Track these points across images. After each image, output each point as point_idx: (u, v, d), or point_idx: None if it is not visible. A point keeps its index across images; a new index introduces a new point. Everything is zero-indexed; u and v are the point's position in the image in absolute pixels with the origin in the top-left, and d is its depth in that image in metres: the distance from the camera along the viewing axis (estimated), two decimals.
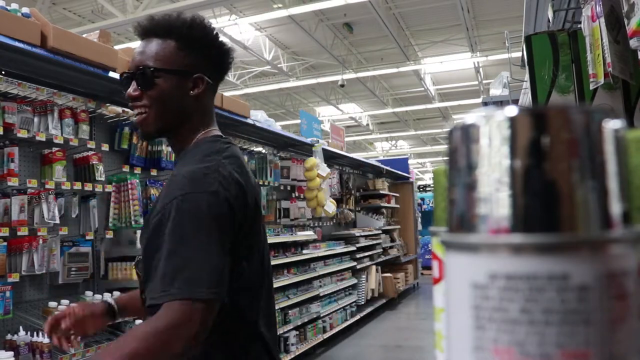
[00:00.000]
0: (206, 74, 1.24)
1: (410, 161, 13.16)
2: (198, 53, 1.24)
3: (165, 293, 1.00)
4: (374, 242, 8.42)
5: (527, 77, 2.56)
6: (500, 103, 5.11)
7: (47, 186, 3.08)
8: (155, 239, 1.07)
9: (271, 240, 5.19)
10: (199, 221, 1.05)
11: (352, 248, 7.35)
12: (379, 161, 9.88)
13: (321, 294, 6.18)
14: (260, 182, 5.52)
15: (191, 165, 1.14)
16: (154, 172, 4.00)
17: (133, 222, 3.62)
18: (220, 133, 1.29)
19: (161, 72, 1.19)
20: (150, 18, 1.25)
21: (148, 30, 1.24)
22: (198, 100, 1.24)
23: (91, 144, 3.39)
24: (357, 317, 7.27)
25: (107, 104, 3.60)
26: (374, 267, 8.22)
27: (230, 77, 12.25)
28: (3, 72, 2.94)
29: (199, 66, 1.23)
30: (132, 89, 1.19)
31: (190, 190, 1.07)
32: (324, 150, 6.28)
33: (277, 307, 5.09)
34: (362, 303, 7.65)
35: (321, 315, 6.12)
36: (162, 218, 1.06)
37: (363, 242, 7.77)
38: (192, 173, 1.11)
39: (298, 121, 8.85)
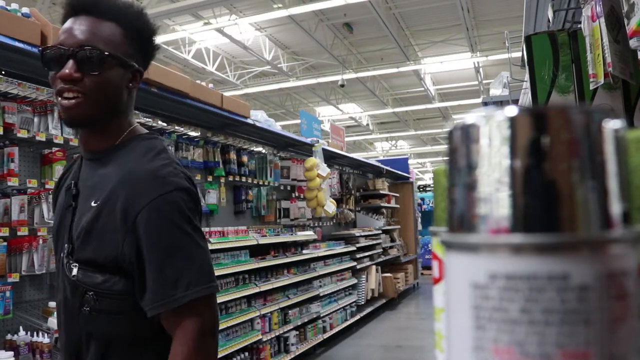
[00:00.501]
0: (142, 65, 1.19)
1: (410, 161, 13.17)
2: (139, 46, 1.16)
3: (174, 297, 0.99)
4: (374, 242, 8.42)
5: (527, 77, 2.56)
6: (500, 103, 5.11)
7: (47, 186, 3.08)
8: (121, 238, 1.03)
9: (271, 240, 5.18)
10: (184, 219, 1.04)
11: (352, 248, 7.36)
12: (379, 161, 9.88)
13: (321, 294, 6.18)
14: (260, 182, 5.52)
15: (147, 163, 1.09)
16: None
17: None
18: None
19: (110, 58, 1.08)
20: None
21: (95, 7, 1.09)
22: (130, 94, 1.19)
23: None
24: (357, 317, 7.27)
25: None
26: (374, 267, 8.22)
27: (230, 77, 12.26)
28: (3, 72, 2.94)
29: (137, 59, 1.16)
30: (73, 70, 1.04)
31: (167, 189, 1.04)
32: (324, 150, 6.28)
33: (277, 306, 5.10)
34: (362, 303, 7.65)
35: (321, 315, 6.12)
36: (139, 221, 1.02)
37: (363, 242, 7.77)
38: (153, 171, 1.07)
39: (298, 121, 8.86)
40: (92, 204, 1.07)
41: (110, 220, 1.04)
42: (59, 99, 1.07)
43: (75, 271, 1.05)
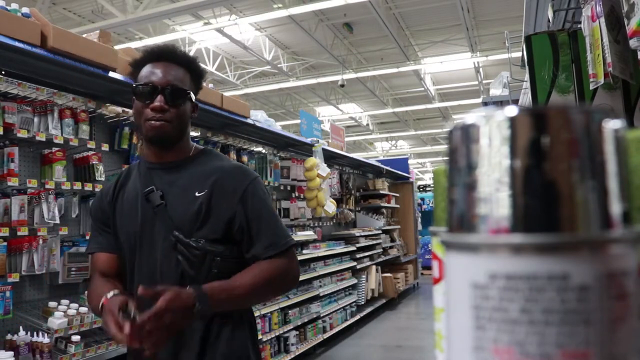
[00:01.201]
0: (197, 102, 1.55)
1: (410, 161, 13.16)
2: (196, 85, 1.54)
3: (279, 248, 1.42)
4: (374, 242, 8.42)
5: (527, 77, 2.56)
6: (500, 103, 5.11)
7: (47, 186, 3.08)
8: (231, 212, 1.41)
9: None
10: (268, 196, 1.50)
11: (352, 248, 7.35)
12: (379, 161, 9.88)
13: (321, 294, 6.18)
14: None
15: (230, 162, 1.55)
16: None
17: None
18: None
19: (187, 94, 1.45)
20: (172, 47, 1.50)
21: (172, 56, 1.47)
22: (190, 121, 1.53)
23: (91, 144, 3.39)
24: (357, 317, 7.27)
25: (107, 104, 3.60)
26: (374, 267, 8.22)
27: (230, 77, 12.26)
28: (3, 72, 2.94)
29: (195, 93, 1.53)
30: (162, 102, 1.39)
31: (253, 176, 1.47)
32: (324, 150, 6.28)
33: (277, 306, 5.10)
34: (362, 303, 7.65)
35: (321, 315, 6.12)
36: (246, 196, 1.42)
37: (363, 242, 7.77)
38: (239, 166, 1.54)
39: (298, 121, 8.86)
40: (197, 194, 1.41)
41: (224, 199, 1.41)
42: (146, 123, 1.40)
43: (202, 243, 1.37)
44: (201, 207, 1.39)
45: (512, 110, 0.29)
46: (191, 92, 1.47)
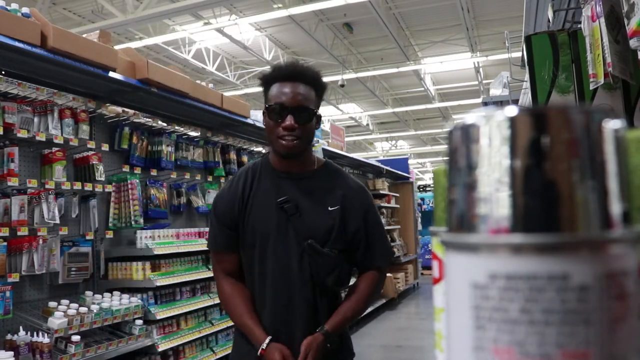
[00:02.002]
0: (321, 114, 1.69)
1: (410, 161, 13.16)
2: (320, 97, 1.66)
3: (384, 261, 1.71)
4: None
5: (527, 77, 2.56)
6: (500, 103, 5.11)
7: (47, 186, 3.08)
8: (355, 227, 1.63)
9: None
10: (379, 214, 1.77)
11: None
12: (379, 161, 9.88)
13: None
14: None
15: (354, 181, 1.73)
16: (153, 172, 4.00)
17: (133, 222, 3.62)
18: None
19: (314, 113, 1.59)
20: (300, 67, 1.64)
21: (301, 76, 1.59)
22: (315, 131, 1.66)
23: (91, 144, 3.39)
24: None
25: (107, 104, 3.61)
26: None
27: (230, 77, 12.26)
28: (3, 72, 2.94)
29: (319, 106, 1.66)
30: (293, 121, 1.54)
31: (371, 195, 1.75)
32: (324, 150, 6.28)
33: None
34: None
35: None
36: (367, 213, 1.66)
37: None
38: (361, 185, 1.74)
39: None
40: (329, 208, 1.61)
41: (352, 215, 1.62)
42: (279, 140, 1.56)
43: (335, 253, 1.58)
44: (335, 221, 1.60)
45: (512, 110, 0.29)
46: (315, 109, 1.61)
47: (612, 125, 0.29)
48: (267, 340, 1.53)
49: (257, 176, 1.67)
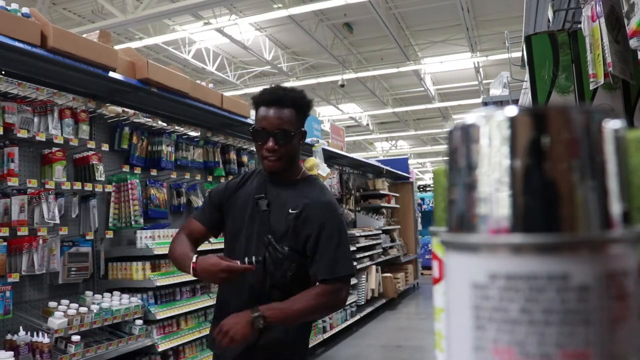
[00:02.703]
0: (304, 130, 1.83)
1: (410, 161, 13.15)
2: (302, 115, 1.80)
3: (335, 274, 1.71)
4: (374, 242, 8.42)
5: (527, 77, 2.56)
6: (500, 103, 5.11)
7: (47, 186, 3.08)
8: (309, 235, 1.71)
9: None
10: (343, 233, 1.78)
11: (352, 248, 7.35)
12: (379, 161, 9.87)
13: None
14: None
15: (325, 196, 1.82)
16: (153, 172, 4.00)
17: (133, 222, 3.62)
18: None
19: (293, 134, 1.73)
20: (281, 92, 1.75)
21: (280, 101, 1.73)
22: (299, 147, 1.82)
23: (91, 144, 3.39)
24: (357, 317, 7.27)
25: (107, 104, 3.60)
26: (374, 267, 8.22)
27: (230, 77, 12.26)
28: (3, 72, 2.94)
29: (302, 124, 1.80)
30: (273, 144, 1.70)
31: (338, 215, 1.80)
32: (324, 150, 6.28)
33: None
34: (362, 303, 7.64)
35: None
36: (324, 225, 1.72)
37: (363, 242, 7.77)
38: (331, 202, 1.81)
39: None
40: (290, 210, 1.73)
41: (309, 223, 1.72)
42: (264, 160, 1.75)
43: (285, 250, 1.70)
44: (290, 223, 1.73)
45: (512, 110, 0.29)
46: (296, 132, 1.75)
47: (612, 125, 0.29)
48: (194, 257, 1.70)
49: (252, 177, 1.91)
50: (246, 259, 1.67)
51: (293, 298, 1.70)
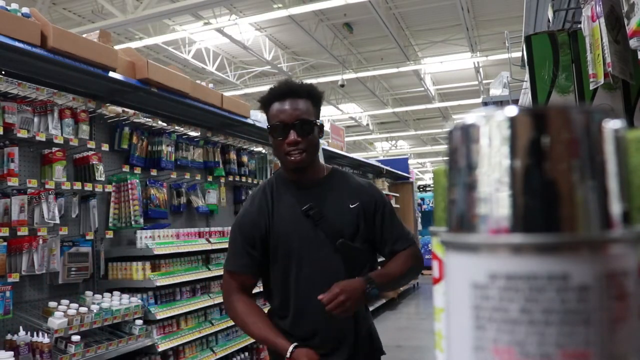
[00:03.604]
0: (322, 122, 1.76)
1: (410, 161, 13.15)
2: (318, 107, 1.73)
3: (409, 241, 1.77)
4: None
5: (527, 77, 2.56)
6: (500, 103, 5.11)
7: (47, 186, 3.08)
8: (374, 219, 1.73)
9: None
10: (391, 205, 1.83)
11: None
12: (379, 161, 9.88)
13: None
14: (260, 182, 5.52)
15: (360, 179, 1.86)
16: (153, 172, 4.00)
17: (133, 222, 3.62)
18: None
19: (314, 124, 1.66)
20: (293, 83, 1.71)
21: (296, 92, 1.66)
22: (319, 140, 1.74)
23: (91, 144, 3.39)
24: None
25: (107, 104, 3.60)
26: None
27: (230, 77, 12.25)
28: (3, 72, 2.94)
29: (318, 115, 1.73)
30: (295, 136, 1.61)
31: (380, 191, 1.86)
32: (324, 150, 6.28)
33: None
34: None
35: None
36: (377, 207, 1.74)
37: None
38: (371, 183, 1.86)
39: None
40: (350, 205, 1.70)
41: (369, 209, 1.72)
42: (287, 157, 1.64)
43: (364, 246, 1.71)
44: (359, 216, 1.70)
45: (512, 110, 0.29)
46: (315, 120, 1.68)
47: (612, 125, 0.29)
48: (291, 347, 1.58)
49: (276, 190, 1.75)
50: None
51: (387, 265, 1.73)
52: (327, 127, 10.45)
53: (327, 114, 15.97)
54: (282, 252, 1.69)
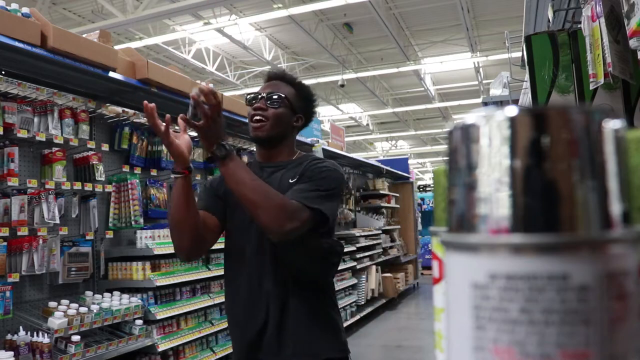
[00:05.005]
0: (303, 117, 1.76)
1: (410, 161, 13.16)
2: (305, 104, 1.76)
3: (301, 199, 1.52)
4: (374, 242, 8.42)
5: (527, 77, 2.56)
6: (500, 103, 5.11)
7: (47, 186, 3.08)
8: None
9: None
10: (336, 181, 1.64)
11: (352, 248, 7.34)
12: (379, 161, 9.88)
13: None
14: None
15: (320, 157, 1.77)
16: (154, 172, 4.00)
17: (133, 222, 3.62)
18: None
19: (284, 99, 1.68)
20: (283, 71, 1.80)
21: (282, 77, 1.75)
22: (294, 131, 1.75)
23: (91, 144, 3.39)
24: (357, 317, 7.27)
25: (107, 104, 3.60)
26: (374, 267, 8.22)
27: (230, 77, 12.25)
28: (3, 72, 2.94)
29: (301, 110, 1.74)
30: (262, 104, 1.65)
31: (326, 161, 1.71)
32: (324, 150, 6.28)
33: None
34: (362, 303, 7.64)
35: None
36: (307, 168, 1.62)
37: (363, 242, 7.77)
38: (329, 161, 1.72)
39: None
40: (290, 181, 1.62)
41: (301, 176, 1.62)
42: (251, 124, 1.67)
43: None
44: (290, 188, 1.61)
45: (512, 110, 0.29)
46: (290, 100, 1.69)
47: (612, 125, 0.29)
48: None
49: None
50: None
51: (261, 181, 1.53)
52: (327, 127, 10.48)
53: (327, 114, 15.98)
54: (229, 223, 1.71)
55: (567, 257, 0.27)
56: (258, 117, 1.64)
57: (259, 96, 1.68)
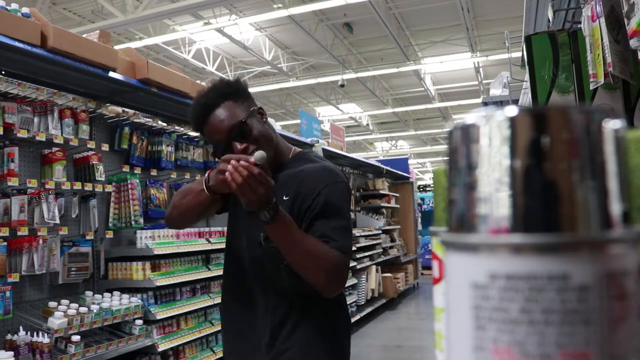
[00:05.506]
0: (255, 105, 1.61)
1: (410, 161, 13.16)
2: (243, 97, 1.58)
3: (339, 246, 1.45)
4: (374, 242, 8.42)
5: (527, 77, 2.56)
6: (500, 103, 5.11)
7: (47, 186, 3.08)
8: (309, 205, 1.49)
9: None
10: (346, 203, 1.57)
11: (352, 248, 7.34)
12: (379, 161, 9.88)
13: None
14: None
15: (317, 163, 1.61)
16: (154, 172, 4.00)
17: (133, 222, 3.62)
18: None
19: (245, 125, 1.51)
20: (200, 100, 1.56)
21: (210, 106, 1.53)
22: (267, 124, 1.61)
23: (91, 144, 3.39)
24: (357, 317, 7.27)
25: (107, 104, 3.61)
26: (374, 267, 8.22)
27: (230, 77, 12.24)
28: (3, 72, 2.94)
29: (252, 102, 1.61)
30: (240, 146, 1.49)
31: (337, 179, 1.56)
32: (324, 150, 6.28)
33: None
34: (362, 303, 7.64)
35: None
36: (319, 194, 1.49)
37: (363, 242, 7.77)
38: (326, 167, 1.59)
39: (298, 121, 8.85)
40: (284, 197, 1.50)
41: (304, 201, 1.49)
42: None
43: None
44: (285, 210, 1.46)
45: (512, 110, 0.29)
46: (248, 116, 1.54)
47: (612, 125, 0.29)
48: (207, 174, 1.53)
49: None
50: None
51: (308, 236, 1.45)
52: (327, 127, 10.47)
53: (327, 114, 15.99)
54: (229, 222, 1.71)
55: (567, 257, 0.27)
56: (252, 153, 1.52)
57: (226, 142, 1.51)
